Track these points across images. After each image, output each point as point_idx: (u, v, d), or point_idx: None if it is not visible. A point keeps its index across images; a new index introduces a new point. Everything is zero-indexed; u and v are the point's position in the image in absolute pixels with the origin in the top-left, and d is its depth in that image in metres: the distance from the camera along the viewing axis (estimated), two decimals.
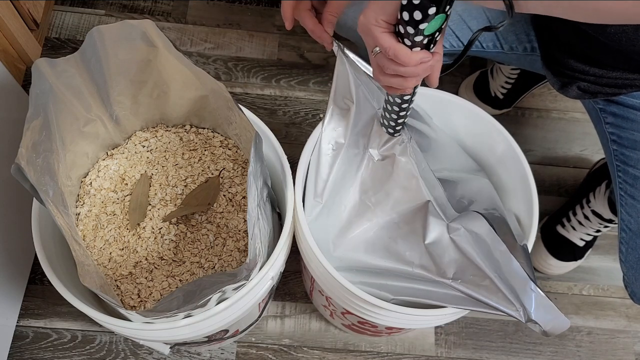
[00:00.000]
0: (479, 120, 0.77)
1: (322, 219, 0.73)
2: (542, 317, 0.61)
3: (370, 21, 0.48)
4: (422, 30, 0.46)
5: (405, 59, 0.48)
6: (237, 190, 0.78)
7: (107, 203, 0.76)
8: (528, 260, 0.66)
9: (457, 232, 0.65)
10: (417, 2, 0.44)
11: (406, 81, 0.52)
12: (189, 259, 0.74)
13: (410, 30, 0.46)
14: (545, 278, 1.08)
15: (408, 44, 0.48)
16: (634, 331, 1.05)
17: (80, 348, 0.95)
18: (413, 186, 0.67)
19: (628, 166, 0.72)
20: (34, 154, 0.60)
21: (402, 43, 0.48)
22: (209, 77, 0.66)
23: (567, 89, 0.71)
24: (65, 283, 0.64)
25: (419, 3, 0.44)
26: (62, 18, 1.21)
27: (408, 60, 0.49)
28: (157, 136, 0.82)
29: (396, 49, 0.48)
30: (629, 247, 0.72)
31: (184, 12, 1.25)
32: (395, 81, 0.53)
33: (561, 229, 1.05)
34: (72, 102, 0.68)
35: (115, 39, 0.65)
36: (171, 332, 0.65)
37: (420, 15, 0.44)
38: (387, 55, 0.49)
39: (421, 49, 0.49)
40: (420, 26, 0.45)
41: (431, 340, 1.01)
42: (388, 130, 0.67)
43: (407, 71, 0.50)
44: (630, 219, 0.72)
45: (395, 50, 0.48)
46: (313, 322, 1.00)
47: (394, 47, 0.48)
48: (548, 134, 1.21)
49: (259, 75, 1.20)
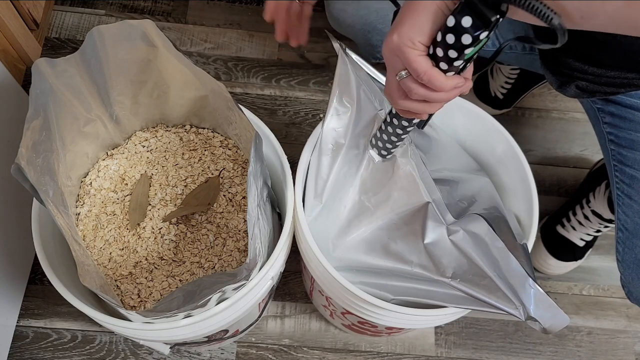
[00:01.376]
0: (479, 120, 0.77)
1: (322, 219, 0.73)
2: (541, 315, 0.61)
3: (405, 42, 0.44)
4: (466, 55, 0.42)
5: (440, 85, 0.45)
6: (237, 190, 0.78)
7: (107, 203, 0.76)
8: (528, 259, 0.66)
9: (456, 234, 0.65)
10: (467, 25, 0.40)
11: (431, 107, 0.49)
12: (189, 259, 0.74)
13: (453, 54, 0.42)
14: (545, 278, 1.08)
15: (443, 69, 0.44)
16: (634, 331, 1.05)
17: (80, 348, 0.95)
18: (413, 188, 0.67)
19: (625, 166, 0.72)
20: (34, 154, 0.60)
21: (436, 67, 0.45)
22: (209, 77, 0.66)
23: (565, 87, 0.71)
24: (65, 283, 0.64)
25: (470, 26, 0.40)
26: (62, 18, 1.21)
27: (443, 87, 0.45)
28: (157, 136, 0.82)
29: (432, 74, 0.44)
30: (626, 247, 0.72)
31: (184, 12, 1.25)
32: (419, 107, 0.49)
33: (561, 229, 1.05)
34: (72, 102, 0.68)
35: (115, 39, 0.65)
36: (171, 332, 0.65)
37: (469, 40, 0.41)
38: (420, 79, 0.45)
39: (454, 74, 0.46)
40: (465, 50, 0.42)
41: (431, 340, 1.01)
42: (381, 152, 0.63)
43: (438, 97, 0.47)
44: (627, 218, 0.72)
45: (431, 75, 0.44)
46: (313, 322, 1.00)
47: (429, 73, 0.44)
48: (548, 134, 1.21)
49: (259, 75, 1.20)
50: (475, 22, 0.39)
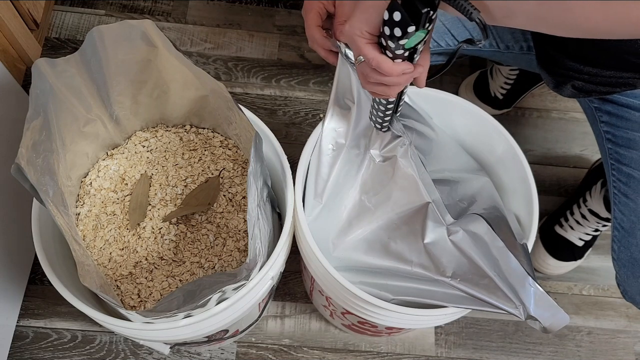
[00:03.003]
0: (479, 120, 0.77)
1: (322, 219, 0.73)
2: (541, 314, 0.61)
3: (354, 31, 0.49)
4: (403, 44, 0.47)
5: (388, 70, 0.50)
6: (237, 190, 0.78)
7: (107, 203, 0.76)
8: (528, 258, 0.66)
9: (456, 234, 0.65)
10: (397, 19, 0.44)
11: (389, 89, 0.54)
12: (189, 259, 0.74)
13: (392, 44, 0.47)
14: (545, 278, 1.08)
15: (390, 56, 0.49)
16: (634, 331, 1.05)
17: (80, 348, 0.95)
18: (413, 188, 0.67)
19: (622, 165, 0.72)
20: (34, 154, 0.60)
21: (384, 54, 0.49)
22: (209, 77, 0.66)
23: (561, 87, 0.71)
24: (65, 283, 0.64)
25: (398, 20, 0.44)
26: (62, 18, 1.21)
27: (390, 72, 0.50)
28: (157, 136, 0.82)
29: (379, 60, 0.49)
30: (622, 246, 0.72)
31: (184, 12, 1.25)
32: (379, 89, 0.54)
33: (559, 228, 1.05)
34: (72, 102, 0.68)
35: (115, 39, 0.65)
36: (171, 332, 0.65)
37: (400, 32, 0.45)
38: (370, 65, 0.50)
39: (403, 61, 0.50)
40: (400, 41, 0.46)
41: (431, 340, 1.01)
42: (376, 126, 0.67)
43: (390, 81, 0.52)
44: (623, 217, 0.72)
45: (378, 61, 0.49)
46: (313, 322, 1.00)
47: (377, 59, 0.49)
48: (548, 134, 1.21)
49: (259, 75, 1.20)
50: (403, 17, 0.44)
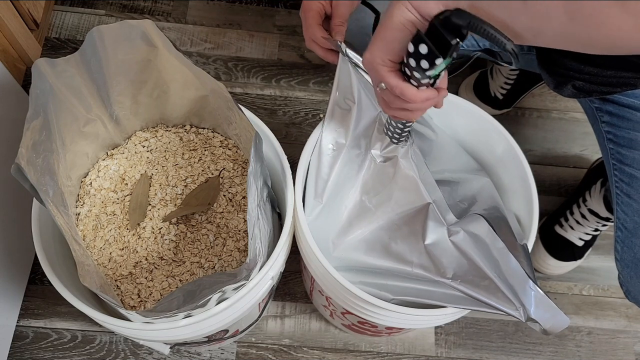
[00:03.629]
0: (479, 120, 0.77)
1: (322, 219, 0.73)
2: (541, 316, 0.61)
3: (376, 60, 0.48)
4: (429, 75, 0.46)
5: (412, 97, 0.49)
6: (237, 190, 0.78)
7: (107, 203, 0.76)
8: (528, 259, 0.66)
9: (456, 235, 0.65)
10: (424, 52, 0.43)
11: (412, 114, 0.53)
12: (189, 259, 0.74)
13: (417, 75, 0.46)
14: (545, 278, 1.08)
15: (415, 84, 0.49)
16: (634, 331, 1.05)
17: (80, 348, 0.95)
18: (414, 189, 0.67)
19: (624, 165, 0.72)
20: (34, 154, 0.60)
21: (408, 82, 0.49)
22: (209, 77, 0.66)
23: (562, 88, 0.71)
24: (65, 283, 0.64)
25: (425, 53, 0.43)
26: (62, 18, 1.21)
27: (414, 99, 0.49)
28: (157, 136, 0.82)
29: (403, 88, 0.49)
30: (625, 246, 0.72)
31: (184, 12, 1.25)
32: (402, 114, 0.54)
33: (559, 228, 1.05)
34: (72, 102, 0.68)
35: (115, 39, 0.65)
36: (171, 332, 0.65)
37: (427, 65, 0.44)
38: (394, 93, 0.50)
39: (427, 87, 0.49)
40: (427, 72, 0.46)
41: (431, 340, 1.01)
42: (392, 140, 0.68)
43: (414, 107, 0.51)
44: (626, 217, 0.72)
45: (402, 89, 0.49)
46: (313, 322, 1.00)
47: (400, 87, 0.49)
48: (548, 134, 1.21)
49: (259, 75, 1.20)
50: (430, 50, 0.43)
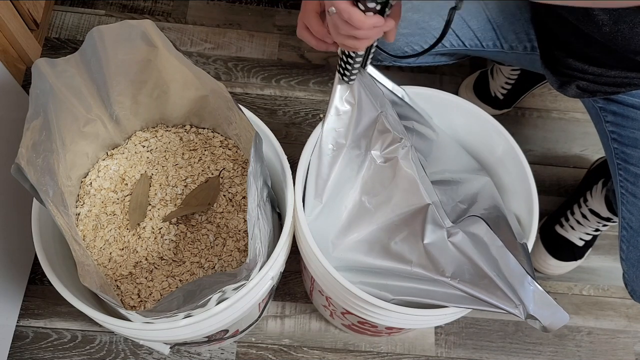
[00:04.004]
0: (479, 120, 0.77)
1: (322, 219, 0.73)
2: (541, 313, 0.61)
3: None
4: None
5: (358, 23, 0.51)
6: (237, 190, 0.78)
7: (107, 203, 0.76)
8: (528, 258, 0.66)
9: (455, 236, 0.65)
10: None
11: (359, 42, 0.55)
12: (189, 259, 0.74)
13: None
14: (545, 278, 1.08)
15: (362, 9, 0.50)
16: (634, 331, 1.05)
17: (80, 348, 0.95)
18: (414, 190, 0.67)
19: (629, 164, 0.72)
20: (34, 154, 0.60)
21: (356, 7, 0.50)
22: (209, 77, 0.66)
23: (566, 88, 0.71)
24: (65, 283, 0.64)
25: None
26: (62, 18, 1.21)
27: (361, 25, 0.51)
28: (157, 136, 0.82)
29: (350, 12, 0.50)
30: (630, 245, 0.72)
31: (184, 12, 1.25)
32: (349, 42, 0.55)
33: (560, 228, 1.05)
34: (72, 102, 0.68)
35: (115, 39, 0.65)
36: (171, 332, 0.65)
37: None
38: (342, 17, 0.51)
39: (374, 14, 0.51)
40: None
41: (431, 340, 1.01)
42: (343, 79, 0.67)
43: (360, 34, 0.53)
44: (631, 217, 0.72)
45: (350, 13, 0.50)
46: (313, 322, 1.00)
47: (348, 11, 0.50)
48: (548, 134, 1.21)
49: (259, 75, 1.20)
50: None
